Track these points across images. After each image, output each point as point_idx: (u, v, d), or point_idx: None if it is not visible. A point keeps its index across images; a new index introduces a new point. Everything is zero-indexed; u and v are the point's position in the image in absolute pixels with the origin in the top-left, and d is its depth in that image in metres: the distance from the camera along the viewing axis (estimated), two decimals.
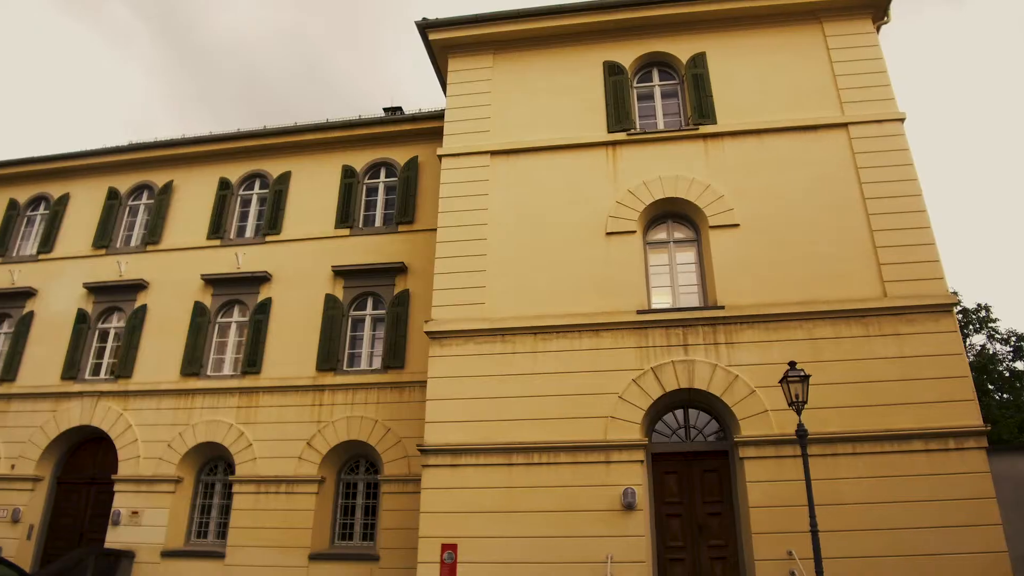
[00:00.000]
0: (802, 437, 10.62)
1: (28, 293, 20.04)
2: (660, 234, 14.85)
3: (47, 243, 20.70)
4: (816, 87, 15.21)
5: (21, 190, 21.92)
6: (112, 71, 74.73)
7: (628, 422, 12.84)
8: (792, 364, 11.00)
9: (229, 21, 73.49)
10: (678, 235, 14.76)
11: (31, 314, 19.79)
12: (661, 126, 15.77)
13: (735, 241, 13.92)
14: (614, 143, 15.44)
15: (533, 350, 13.72)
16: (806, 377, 10.85)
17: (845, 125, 14.66)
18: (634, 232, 14.43)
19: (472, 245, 14.80)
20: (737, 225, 14.04)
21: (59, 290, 19.89)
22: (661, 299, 14.11)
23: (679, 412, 13.49)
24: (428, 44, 17.19)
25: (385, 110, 20.79)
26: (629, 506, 12.22)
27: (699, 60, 15.94)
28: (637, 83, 16.39)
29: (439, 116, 18.27)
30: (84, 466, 18.35)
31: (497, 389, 13.56)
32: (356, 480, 16.49)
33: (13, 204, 21.72)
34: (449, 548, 12.59)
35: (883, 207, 13.72)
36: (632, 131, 15.46)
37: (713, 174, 14.68)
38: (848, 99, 14.93)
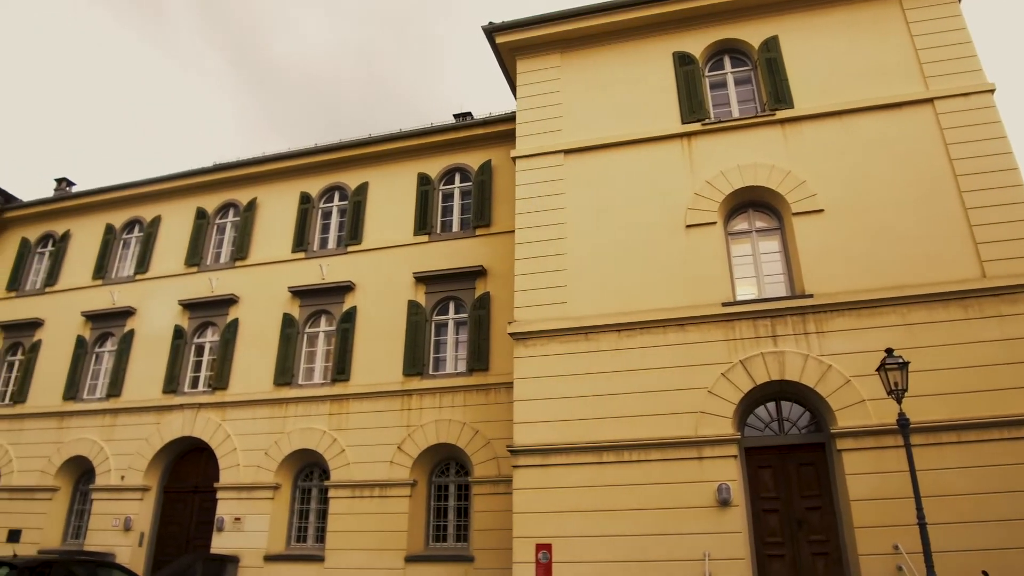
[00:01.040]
0: (904, 426, 10.27)
1: (128, 312, 21.07)
2: (742, 224, 14.58)
3: (143, 264, 21.70)
4: (896, 63, 14.66)
5: (116, 215, 23.04)
6: (189, 96, 77.66)
7: (719, 416, 12.66)
8: (889, 351, 10.65)
9: (295, 41, 75.48)
10: (760, 224, 14.46)
11: (132, 332, 20.79)
12: (736, 114, 15.48)
13: (820, 227, 13.56)
14: (689, 134, 15.23)
15: (617, 347, 13.66)
16: (904, 364, 10.50)
17: (930, 100, 14.09)
18: (714, 223, 14.20)
19: (551, 245, 14.83)
20: (822, 210, 13.66)
21: (156, 308, 20.83)
22: (746, 290, 13.86)
23: (771, 405, 13.22)
24: (495, 48, 17.29)
25: (455, 116, 20.99)
26: (724, 502, 12.06)
27: (771, 44, 15.58)
28: (709, 72, 16.12)
29: (510, 118, 18.38)
30: (188, 475, 19.17)
31: (583, 388, 13.55)
32: (447, 482, 16.74)
33: (110, 228, 22.84)
34: (544, 548, 12.65)
35: (977, 183, 13.13)
36: (706, 121, 15.22)
37: (793, 160, 14.32)
38: (932, 73, 14.34)
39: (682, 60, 15.98)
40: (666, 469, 12.58)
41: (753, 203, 14.55)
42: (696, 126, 15.20)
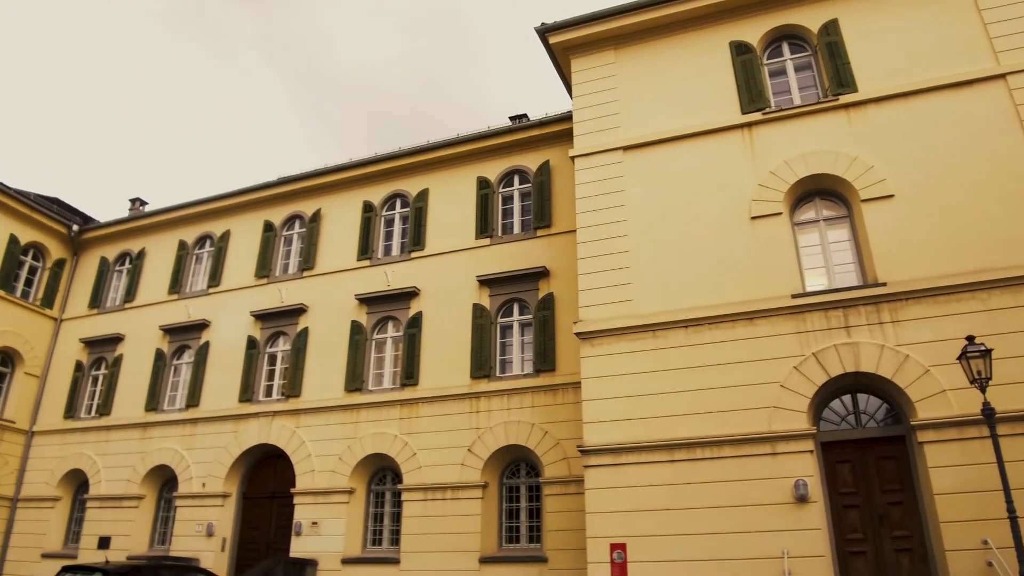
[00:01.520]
0: (989, 416, 9.91)
1: (203, 325, 21.78)
2: (808, 213, 14.26)
3: (215, 277, 22.40)
4: (963, 40, 14.10)
5: (188, 231, 23.83)
6: (251, 113, 79.71)
7: (792, 411, 12.41)
8: (970, 339, 10.30)
9: (350, 54, 76.79)
10: (827, 213, 14.12)
11: (207, 344, 21.48)
12: (797, 101, 15.15)
13: (891, 213, 13.16)
14: (749, 124, 14.96)
15: (685, 343, 13.51)
16: (987, 351, 10.13)
17: (1003, 76, 13.51)
18: (780, 214, 13.92)
19: (613, 243, 14.76)
20: (891, 196, 13.26)
21: (229, 320, 21.48)
22: (815, 281, 13.54)
23: (846, 397, 12.90)
24: (549, 48, 17.29)
25: (511, 119, 21.06)
26: (802, 498, 11.81)
27: (831, 27, 15.19)
28: (767, 60, 15.80)
29: (567, 118, 18.36)
30: (265, 481, 19.71)
31: (652, 386, 13.45)
32: (518, 484, 16.82)
33: (182, 244, 23.64)
34: (618, 548, 12.59)
35: None
36: (767, 110, 14.94)
37: (860, 145, 13.93)
38: (1002, 48, 13.74)
39: (739, 49, 15.72)
40: (740, 466, 12.39)
41: (819, 191, 14.22)
42: (756, 116, 14.93)
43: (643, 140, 15.57)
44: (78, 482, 22.27)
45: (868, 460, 12.39)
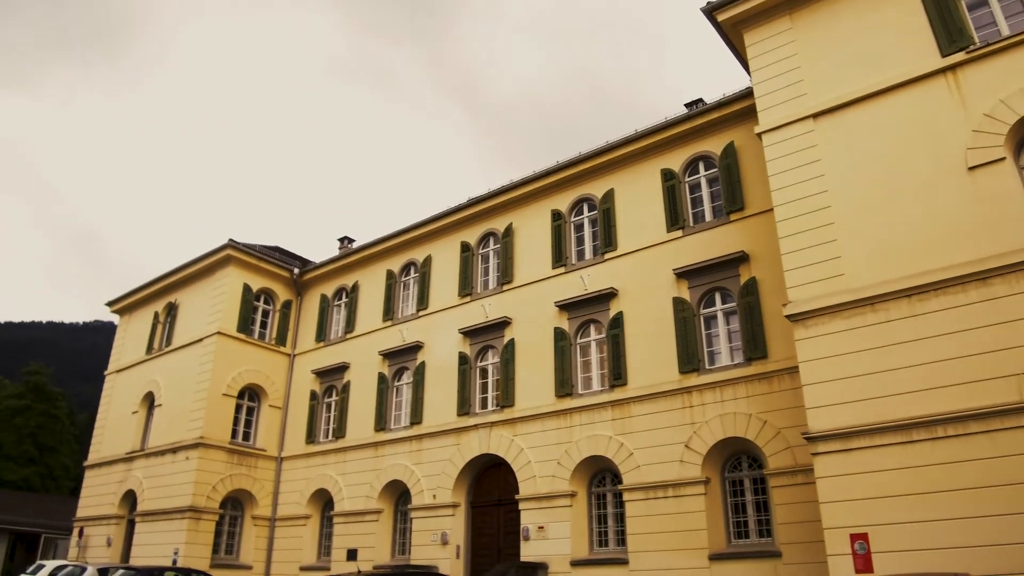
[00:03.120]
0: None
1: (417, 347, 23.13)
2: None
3: (422, 301, 23.75)
4: None
5: (394, 260, 25.48)
6: (429, 142, 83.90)
7: None
8: None
9: (513, 72, 78.88)
10: None
11: (423, 364, 22.78)
12: (1006, 31, 13.55)
13: None
14: (952, 67, 13.59)
15: (910, 314, 12.49)
16: None
17: None
18: (1003, 159, 12.52)
19: (815, 216, 13.98)
20: None
21: (440, 339, 22.67)
22: None
23: None
24: (718, 26, 16.76)
25: (686, 105, 20.64)
26: None
27: None
28: None
29: (746, 95, 17.68)
30: (490, 490, 20.51)
31: (877, 363, 12.52)
32: (741, 477, 16.31)
33: (390, 274, 25.28)
34: (859, 538, 11.83)
35: None
36: (971, 48, 13.50)
37: None
38: None
39: None
40: (991, 442, 11.20)
41: None
42: (959, 56, 13.55)
43: (834, 104, 14.63)
44: (324, 500, 24.33)
45: None
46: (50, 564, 22.57)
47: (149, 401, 27.50)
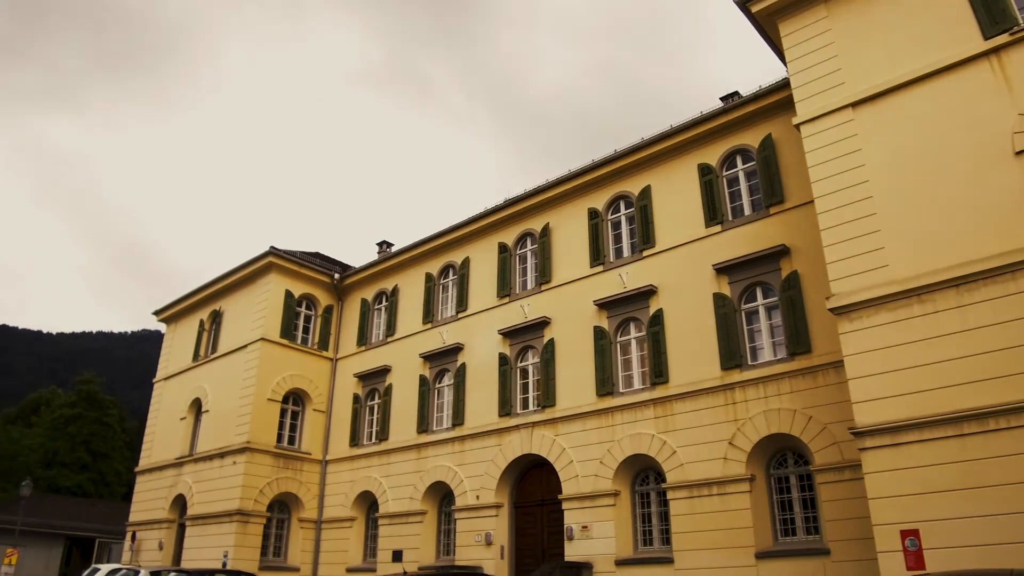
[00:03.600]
0: None
1: (457, 348, 23.24)
2: None
3: (462, 303, 23.86)
4: None
5: (432, 263, 25.63)
6: (463, 146, 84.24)
7: None
8: None
9: (544, 74, 78.84)
10: None
11: (463, 366, 22.87)
12: None
13: None
14: (995, 49, 13.19)
15: (958, 304, 12.18)
16: None
17: None
18: None
19: (857, 207, 13.71)
20: None
21: (480, 341, 22.75)
22: None
23: None
24: (752, 17, 16.54)
25: (722, 99, 20.39)
26: None
27: None
28: None
29: (783, 86, 17.41)
30: (533, 490, 20.51)
31: (924, 355, 12.23)
32: (787, 474, 16.08)
33: (429, 277, 25.44)
34: (910, 535, 11.58)
35: None
36: (1015, 29, 13.09)
37: None
38: None
39: None
40: None
41: None
42: (1003, 38, 13.15)
43: (873, 92, 14.33)
44: (368, 502, 24.56)
45: None
46: (105, 568, 23.14)
47: (196, 407, 28.04)
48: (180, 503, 26.93)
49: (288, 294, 27.02)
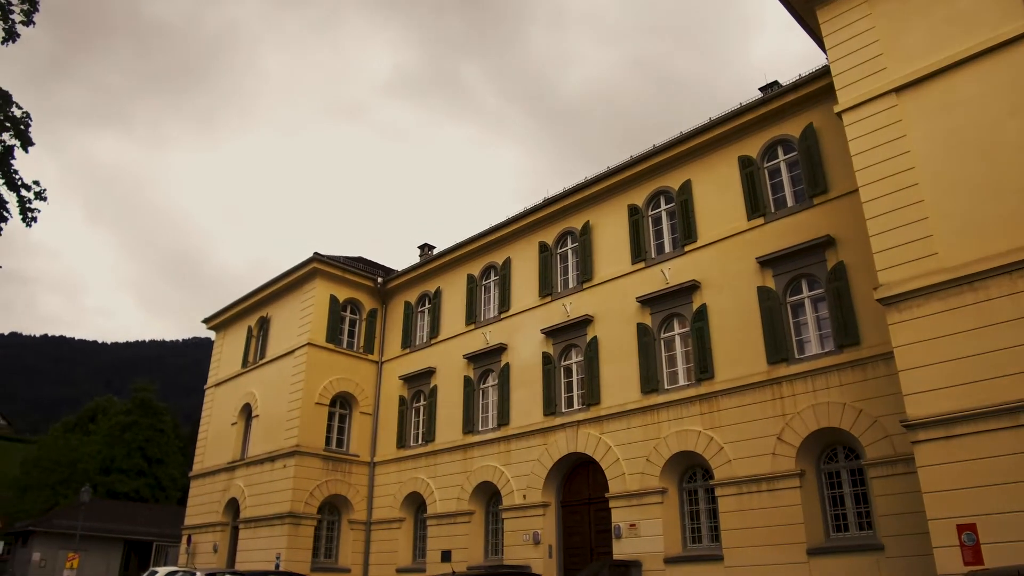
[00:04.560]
0: None
1: (501, 349, 23.30)
2: None
3: (504, 303, 23.92)
4: None
5: (474, 265, 25.73)
6: (501, 149, 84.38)
7: None
8: None
9: (579, 74, 78.59)
10: None
11: (507, 366, 22.93)
12: None
13: None
14: None
15: (1011, 291, 11.83)
16: None
17: None
18: None
19: (904, 194, 13.40)
20: None
21: (523, 341, 22.78)
22: None
23: None
24: (789, 5, 16.29)
25: (761, 89, 20.10)
26: None
27: None
28: None
29: (823, 74, 17.08)
30: (580, 489, 20.46)
31: (977, 345, 11.90)
32: (837, 469, 15.79)
33: (471, 278, 25.55)
34: (967, 529, 11.29)
35: None
36: None
37: None
38: None
39: None
40: None
41: None
42: None
43: (917, 76, 13.98)
44: (416, 503, 24.76)
45: None
46: (162, 571, 23.75)
47: (247, 412, 28.58)
48: (233, 506, 27.48)
49: (333, 299, 27.39)
